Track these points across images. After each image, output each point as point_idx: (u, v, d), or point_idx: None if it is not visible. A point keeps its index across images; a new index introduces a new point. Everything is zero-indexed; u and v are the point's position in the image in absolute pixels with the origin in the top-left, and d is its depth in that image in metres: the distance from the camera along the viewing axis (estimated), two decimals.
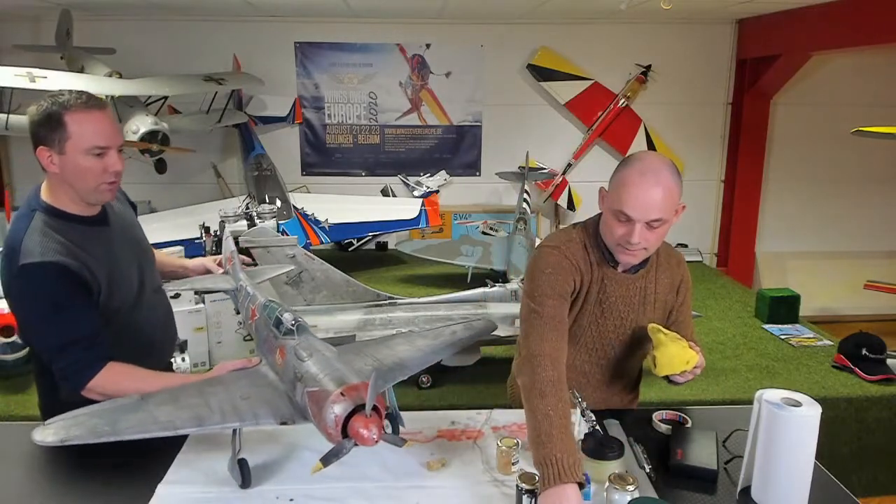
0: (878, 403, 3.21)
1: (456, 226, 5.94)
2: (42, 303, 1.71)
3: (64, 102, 1.70)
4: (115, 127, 1.78)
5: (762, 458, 1.58)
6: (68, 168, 1.73)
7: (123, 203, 2.09)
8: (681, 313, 2.00)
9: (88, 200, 1.81)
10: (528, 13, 5.33)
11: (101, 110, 1.74)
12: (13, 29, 5.37)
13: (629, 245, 1.74)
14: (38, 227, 1.73)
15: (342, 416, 1.42)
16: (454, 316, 3.43)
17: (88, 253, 1.77)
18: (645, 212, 1.68)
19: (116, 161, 1.76)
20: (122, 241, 1.93)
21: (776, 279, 5.93)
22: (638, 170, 1.70)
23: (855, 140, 4.66)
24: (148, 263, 2.05)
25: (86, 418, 1.54)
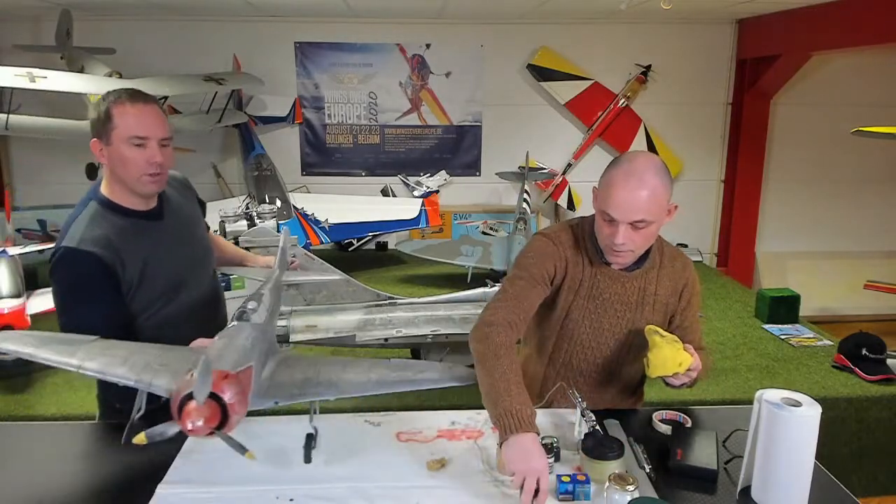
0: (878, 403, 3.21)
1: (456, 226, 5.94)
2: (68, 287, 1.80)
3: (113, 97, 1.81)
4: (158, 120, 1.83)
5: (762, 458, 1.58)
6: (114, 158, 1.82)
7: (189, 200, 2.11)
8: (685, 318, 1.98)
9: (135, 191, 1.87)
10: (528, 13, 5.33)
11: (145, 103, 1.82)
12: (13, 29, 5.37)
13: (614, 246, 1.76)
14: (87, 216, 1.85)
15: (178, 397, 1.35)
16: (454, 316, 3.43)
17: (128, 246, 1.83)
18: (628, 213, 1.70)
19: (157, 153, 1.81)
20: (173, 237, 1.96)
21: (776, 279, 5.93)
22: (623, 171, 1.72)
23: (855, 140, 4.66)
24: (198, 263, 2.04)
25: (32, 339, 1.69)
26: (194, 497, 1.59)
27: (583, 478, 1.60)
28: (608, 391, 2.04)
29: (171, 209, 2.00)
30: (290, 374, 1.67)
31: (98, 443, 1.88)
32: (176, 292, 1.95)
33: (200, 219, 2.16)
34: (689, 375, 1.81)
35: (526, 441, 1.51)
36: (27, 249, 3.96)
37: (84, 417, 2.99)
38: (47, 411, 3.03)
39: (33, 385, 3.28)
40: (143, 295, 1.87)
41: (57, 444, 1.86)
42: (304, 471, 1.69)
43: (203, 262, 2.10)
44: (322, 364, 1.75)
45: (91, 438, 1.92)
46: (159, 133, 1.82)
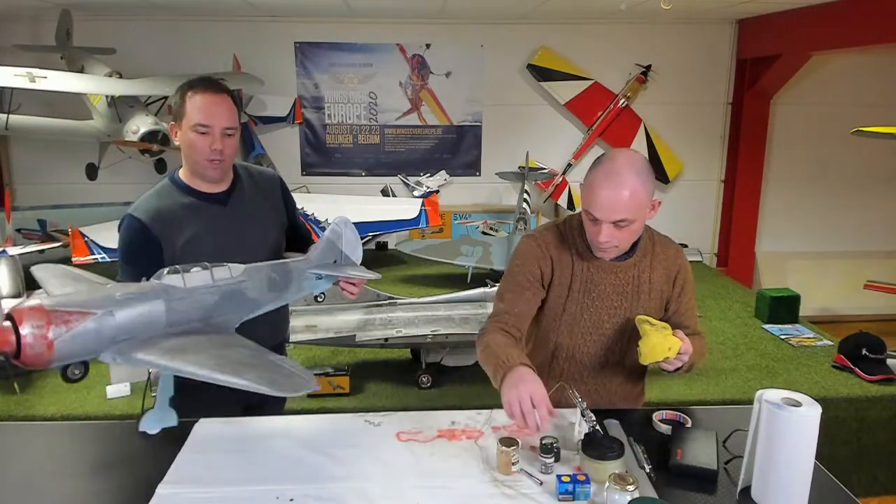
0: (878, 403, 3.21)
1: (456, 226, 5.94)
2: (120, 248, 1.97)
3: (190, 84, 1.93)
4: (224, 110, 1.91)
5: (762, 458, 1.58)
6: (183, 142, 1.94)
7: (267, 198, 2.15)
8: (680, 304, 2.01)
9: (200, 174, 1.97)
10: (528, 13, 5.34)
11: (215, 94, 1.92)
12: (13, 29, 5.37)
13: (599, 244, 1.82)
14: (156, 189, 2.00)
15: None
16: (454, 316, 3.43)
17: (178, 221, 1.94)
18: (610, 213, 1.75)
19: (217, 140, 1.90)
20: (229, 225, 2.01)
21: (776, 279, 5.93)
22: (603, 171, 1.76)
23: (855, 140, 4.66)
24: (249, 257, 1.96)
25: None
26: (194, 497, 1.59)
27: (583, 478, 1.60)
28: (613, 381, 2.05)
29: (239, 199, 2.06)
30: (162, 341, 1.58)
31: (98, 443, 1.88)
32: None
33: (275, 217, 2.17)
34: (680, 359, 1.83)
35: (515, 373, 1.65)
36: (27, 249, 3.97)
37: (84, 417, 3.00)
38: (47, 411, 3.03)
39: (33, 385, 3.28)
40: None
41: (57, 444, 1.86)
42: (305, 471, 1.69)
43: (259, 258, 2.01)
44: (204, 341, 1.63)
45: (91, 438, 1.92)
46: (223, 122, 1.91)
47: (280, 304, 1.93)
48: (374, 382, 3.40)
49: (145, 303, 1.56)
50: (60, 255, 4.77)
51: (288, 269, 1.93)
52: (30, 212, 5.17)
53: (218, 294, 1.69)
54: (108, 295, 1.53)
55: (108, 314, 1.50)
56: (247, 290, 1.77)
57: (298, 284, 1.97)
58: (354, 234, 2.17)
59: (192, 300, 1.64)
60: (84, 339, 1.47)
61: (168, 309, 1.59)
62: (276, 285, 1.87)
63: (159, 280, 1.62)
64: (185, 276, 1.63)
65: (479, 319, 3.40)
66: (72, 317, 1.44)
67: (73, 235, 3.92)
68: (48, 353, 1.42)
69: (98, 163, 5.00)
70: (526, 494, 1.62)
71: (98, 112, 4.83)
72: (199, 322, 1.66)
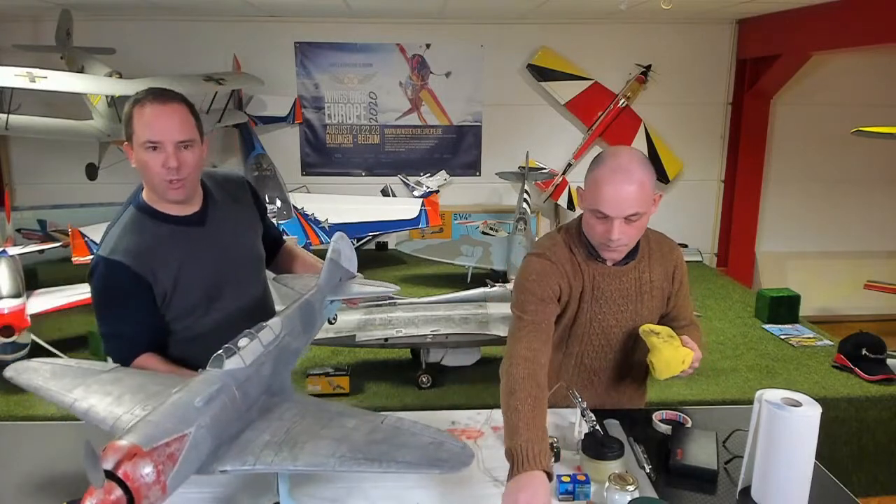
0: (878, 403, 3.21)
1: (456, 226, 5.94)
2: (100, 296, 1.80)
3: (136, 98, 1.74)
4: (174, 122, 1.72)
5: (762, 458, 1.58)
6: (137, 163, 1.75)
7: (241, 203, 2.00)
8: (678, 298, 2.01)
9: (162, 198, 1.79)
10: (528, 13, 5.33)
11: (162, 104, 1.72)
12: (13, 29, 5.37)
13: (610, 242, 1.78)
14: (123, 222, 1.80)
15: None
16: (454, 316, 3.43)
17: (162, 255, 1.78)
18: (621, 208, 1.72)
19: (171, 157, 1.70)
20: (213, 244, 1.88)
21: (776, 279, 5.92)
22: (610, 167, 1.74)
23: (855, 140, 4.66)
24: (242, 270, 1.96)
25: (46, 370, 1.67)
26: (194, 497, 1.59)
27: (583, 478, 1.60)
28: (622, 384, 2.05)
29: (216, 214, 1.91)
30: (258, 435, 1.44)
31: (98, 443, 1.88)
32: (213, 301, 1.88)
33: (251, 223, 2.04)
34: (693, 367, 1.85)
35: (533, 478, 1.47)
36: (27, 249, 3.96)
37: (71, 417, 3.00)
38: (47, 411, 3.03)
39: None
40: (178, 303, 1.82)
41: (57, 444, 1.86)
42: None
43: (248, 269, 1.99)
44: (299, 421, 1.49)
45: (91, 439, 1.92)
46: (175, 135, 1.71)
47: (308, 343, 1.82)
48: (374, 382, 3.40)
49: (222, 397, 1.41)
50: (61, 254, 4.78)
51: (311, 305, 1.81)
52: (30, 212, 5.17)
53: (271, 360, 1.57)
54: (188, 405, 1.35)
55: (199, 428, 1.33)
56: (289, 344, 1.67)
57: (321, 315, 1.88)
58: (350, 247, 2.11)
59: (255, 376, 1.51)
60: (189, 463, 1.31)
61: (242, 396, 1.46)
62: (307, 326, 1.78)
63: (220, 367, 1.46)
64: (242, 353, 1.49)
65: (479, 319, 3.40)
66: (171, 447, 1.27)
67: (73, 235, 3.92)
68: (162, 495, 1.24)
69: (98, 163, 5.00)
70: None
71: (98, 112, 4.83)
72: (264, 395, 1.54)
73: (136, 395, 1.56)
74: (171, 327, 1.87)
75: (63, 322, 3.90)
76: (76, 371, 1.68)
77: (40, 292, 3.73)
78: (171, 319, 1.85)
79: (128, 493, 1.18)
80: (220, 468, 1.36)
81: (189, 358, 1.84)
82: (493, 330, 3.29)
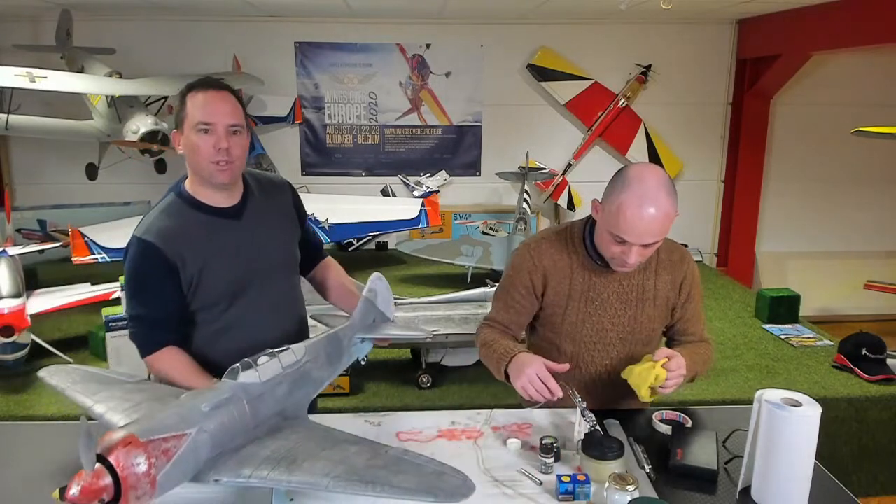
0: (878, 403, 3.21)
1: (456, 226, 5.94)
2: (129, 275, 1.84)
3: (189, 85, 1.82)
4: (226, 106, 1.79)
5: (762, 458, 1.58)
6: (186, 146, 1.81)
7: (279, 206, 2.02)
8: (686, 310, 1.98)
9: (208, 181, 1.83)
10: (528, 13, 5.33)
11: (216, 91, 1.80)
12: (13, 29, 5.37)
13: (626, 265, 1.77)
14: (162, 207, 1.86)
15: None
16: (454, 316, 3.44)
17: (193, 242, 1.82)
18: (643, 237, 1.70)
19: (222, 139, 1.76)
20: (246, 239, 1.89)
21: (776, 279, 5.92)
22: (636, 195, 1.67)
23: (855, 140, 4.66)
24: (272, 269, 1.96)
25: (77, 375, 1.71)
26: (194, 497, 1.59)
27: (583, 478, 1.60)
28: (617, 390, 2.03)
29: (253, 210, 1.93)
30: (259, 450, 1.43)
31: None
32: (239, 295, 1.89)
33: (288, 226, 2.05)
34: (677, 382, 1.81)
35: (516, 361, 1.81)
36: (27, 249, 3.97)
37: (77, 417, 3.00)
38: (47, 411, 3.03)
39: (33, 385, 3.28)
40: (203, 293, 1.84)
41: (57, 444, 1.86)
42: None
43: (277, 269, 1.99)
44: (303, 443, 1.48)
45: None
46: (227, 119, 1.78)
47: (333, 378, 1.80)
48: (374, 382, 3.40)
49: (230, 408, 1.41)
50: (61, 254, 4.78)
51: (339, 339, 1.80)
52: (30, 212, 5.17)
53: (288, 382, 1.56)
54: (195, 408, 1.37)
55: (200, 432, 1.34)
56: (311, 371, 1.65)
57: (349, 351, 1.85)
58: (388, 289, 2.08)
59: (269, 395, 1.51)
60: (184, 465, 1.30)
61: (251, 410, 1.45)
62: (332, 358, 1.76)
63: (234, 379, 1.47)
64: (259, 368, 1.50)
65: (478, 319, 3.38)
66: (169, 444, 1.27)
67: (73, 235, 3.92)
68: (151, 491, 1.23)
69: (98, 163, 5.00)
70: (526, 494, 1.62)
71: (98, 112, 4.83)
72: (277, 417, 1.53)
73: (154, 403, 1.56)
74: (196, 318, 1.88)
75: (63, 322, 3.90)
76: (104, 378, 1.71)
77: (40, 292, 3.73)
78: (197, 309, 1.87)
79: (117, 482, 1.18)
80: (214, 477, 1.35)
81: (212, 353, 1.88)
82: None
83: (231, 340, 1.89)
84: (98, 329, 3.49)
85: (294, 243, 2.07)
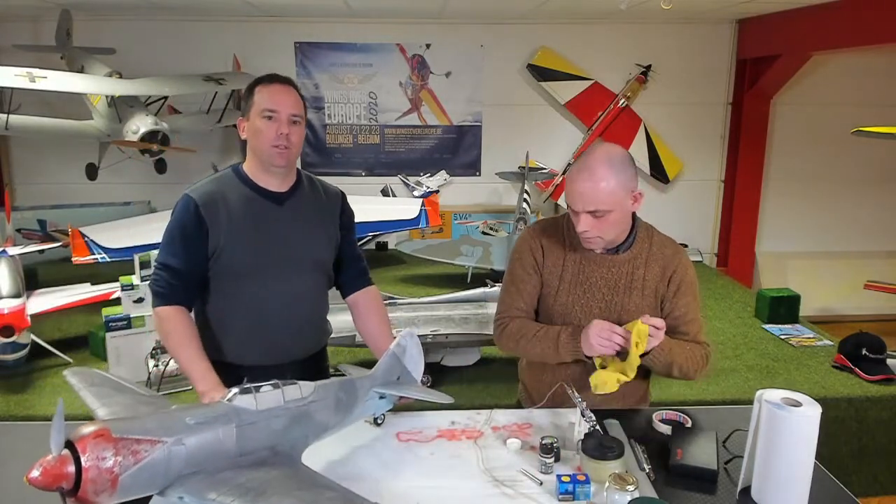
0: (878, 403, 3.21)
1: (456, 226, 5.94)
2: (169, 224, 1.97)
3: (258, 79, 1.98)
4: (290, 98, 1.94)
5: (762, 458, 1.58)
6: (250, 131, 1.96)
7: (325, 211, 2.08)
8: (676, 306, 1.97)
9: (266, 163, 1.96)
10: (528, 13, 5.34)
11: (282, 84, 1.96)
12: (13, 29, 5.37)
13: (586, 239, 1.90)
14: (216, 176, 2.05)
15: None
16: (454, 316, 3.43)
17: (230, 207, 1.94)
18: (584, 203, 1.83)
19: (284, 125, 1.91)
20: (280, 224, 1.98)
21: (776, 279, 5.93)
22: (578, 166, 1.87)
23: (855, 140, 4.66)
24: (294, 263, 1.99)
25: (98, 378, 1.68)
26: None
27: (583, 478, 1.60)
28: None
29: (296, 203, 2.03)
30: (234, 477, 1.37)
31: None
32: (260, 274, 1.95)
33: (327, 230, 2.08)
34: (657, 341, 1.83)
35: (572, 332, 1.88)
36: (27, 249, 3.97)
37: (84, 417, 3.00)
38: (47, 411, 3.03)
39: (33, 385, 3.28)
40: (226, 260, 1.92)
41: None
42: None
43: (300, 264, 2.02)
44: (282, 479, 1.40)
45: None
46: (289, 109, 1.92)
47: (342, 429, 1.72)
48: None
49: (217, 428, 1.37)
50: (61, 254, 4.78)
51: (354, 388, 1.73)
52: (30, 212, 5.17)
53: (288, 417, 1.50)
54: (179, 419, 1.34)
55: (178, 443, 1.30)
56: (315, 412, 1.57)
57: (363, 405, 1.76)
58: (419, 349, 2.00)
59: (263, 425, 1.45)
60: (151, 472, 1.26)
61: (239, 436, 1.40)
62: (343, 406, 1.67)
63: (230, 401, 1.44)
64: (257, 395, 1.46)
65: (479, 319, 3.40)
66: (140, 446, 1.25)
67: (73, 235, 3.92)
68: (111, 490, 1.21)
69: (98, 163, 5.01)
70: (526, 494, 1.62)
71: (98, 112, 4.84)
72: (268, 451, 1.46)
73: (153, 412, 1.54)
74: (215, 285, 1.97)
75: (63, 322, 3.90)
76: (120, 386, 1.69)
77: (40, 292, 3.73)
78: (217, 275, 1.95)
79: (77, 465, 1.17)
80: (178, 494, 1.31)
81: (225, 325, 1.98)
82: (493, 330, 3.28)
83: (242, 316, 1.97)
84: (98, 329, 3.49)
85: (329, 248, 2.09)
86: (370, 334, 2.16)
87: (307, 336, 2.11)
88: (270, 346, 2.00)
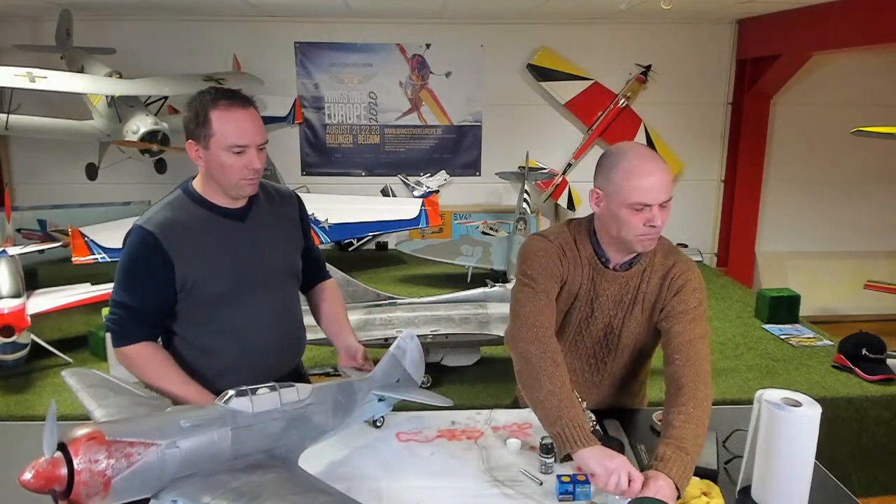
0: (878, 403, 3.21)
1: (456, 226, 5.94)
2: (123, 259, 1.81)
3: (210, 98, 1.76)
4: (257, 126, 1.79)
5: (762, 458, 1.58)
6: (212, 163, 1.78)
7: (283, 215, 2.01)
8: (672, 313, 1.83)
9: (229, 194, 1.84)
10: (528, 13, 5.34)
11: (244, 109, 1.78)
12: (13, 29, 5.37)
13: (653, 229, 1.73)
14: (167, 201, 1.86)
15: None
16: (454, 316, 3.43)
17: (193, 236, 1.80)
18: (660, 193, 1.70)
19: (255, 159, 1.78)
20: (247, 241, 1.88)
21: (776, 279, 5.92)
22: (638, 158, 1.73)
23: (855, 140, 4.66)
24: (268, 275, 1.92)
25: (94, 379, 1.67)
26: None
27: (583, 478, 1.60)
28: (602, 389, 2.02)
29: (257, 215, 1.92)
30: (229, 481, 1.36)
31: None
32: (236, 296, 1.86)
33: (291, 235, 2.03)
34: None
35: (598, 449, 1.55)
36: (27, 249, 3.97)
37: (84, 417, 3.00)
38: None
39: (33, 385, 3.28)
40: (199, 290, 1.81)
41: None
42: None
43: (277, 276, 1.97)
44: (277, 483, 1.39)
45: None
46: (258, 139, 1.79)
47: (341, 431, 1.71)
48: None
49: (211, 431, 1.36)
50: (61, 254, 4.78)
51: (353, 390, 1.72)
52: (30, 212, 5.17)
53: (284, 420, 1.48)
54: (173, 421, 1.33)
55: (172, 446, 1.29)
56: (312, 415, 1.56)
57: (362, 407, 1.75)
58: (419, 352, 1.98)
59: (259, 428, 1.43)
60: (145, 475, 1.25)
61: (234, 439, 1.39)
62: (341, 408, 1.66)
63: (225, 403, 1.42)
64: (253, 398, 1.44)
65: (479, 319, 3.40)
66: (134, 448, 1.24)
67: (73, 235, 3.92)
68: (103, 493, 1.20)
69: (98, 163, 5.01)
70: (526, 494, 1.62)
71: (98, 112, 4.84)
72: (263, 454, 1.44)
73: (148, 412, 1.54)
74: (191, 316, 1.85)
75: (63, 322, 3.90)
76: (118, 387, 1.68)
77: (40, 292, 3.73)
78: (192, 307, 1.83)
79: (69, 467, 1.17)
80: (172, 497, 1.30)
81: (206, 354, 1.86)
82: (493, 330, 3.29)
83: (226, 342, 1.87)
84: (98, 329, 3.50)
85: (296, 254, 2.05)
86: (329, 326, 2.13)
87: (288, 350, 2.05)
88: (253, 370, 1.84)
